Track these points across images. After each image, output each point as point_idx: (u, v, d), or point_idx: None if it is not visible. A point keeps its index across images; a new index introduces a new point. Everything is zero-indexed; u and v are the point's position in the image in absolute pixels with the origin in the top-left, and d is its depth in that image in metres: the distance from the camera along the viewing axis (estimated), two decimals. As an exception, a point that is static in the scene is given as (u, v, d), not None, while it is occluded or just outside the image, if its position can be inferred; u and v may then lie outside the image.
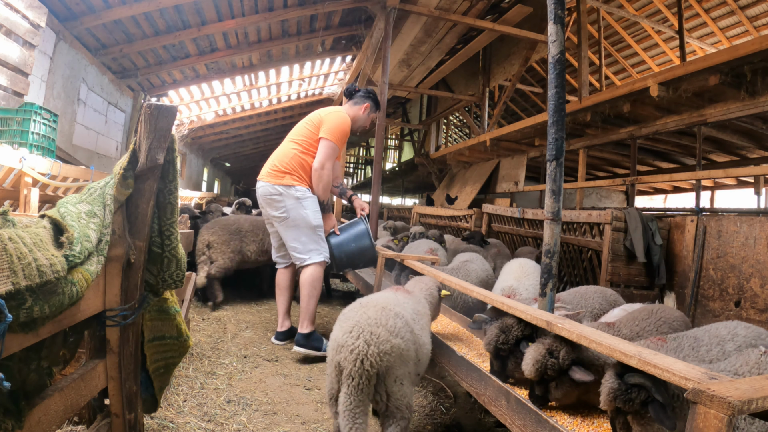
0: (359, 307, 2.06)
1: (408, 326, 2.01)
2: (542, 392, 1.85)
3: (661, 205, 11.40)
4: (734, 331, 1.70)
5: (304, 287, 3.39)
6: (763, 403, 1.04)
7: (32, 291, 1.03)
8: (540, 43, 7.24)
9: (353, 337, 1.86)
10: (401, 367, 1.92)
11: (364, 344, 1.83)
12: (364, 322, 1.90)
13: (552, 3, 2.29)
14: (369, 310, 1.98)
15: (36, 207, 3.37)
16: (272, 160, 3.44)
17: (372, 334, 1.86)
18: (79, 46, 5.62)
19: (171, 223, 1.69)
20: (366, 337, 1.85)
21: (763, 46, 3.67)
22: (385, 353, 1.84)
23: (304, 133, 3.41)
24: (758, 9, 8.22)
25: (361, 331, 1.87)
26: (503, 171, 8.59)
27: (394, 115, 15.17)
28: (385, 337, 1.87)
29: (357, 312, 2.00)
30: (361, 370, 1.80)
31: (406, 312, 2.11)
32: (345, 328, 1.91)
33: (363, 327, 1.88)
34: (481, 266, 3.70)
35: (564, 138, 2.27)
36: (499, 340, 2.09)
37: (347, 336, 1.87)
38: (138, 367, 1.70)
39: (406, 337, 1.96)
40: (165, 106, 1.53)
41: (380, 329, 1.89)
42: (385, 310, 2.00)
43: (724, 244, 3.78)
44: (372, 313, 1.96)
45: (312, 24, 7.70)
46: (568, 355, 1.78)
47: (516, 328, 2.11)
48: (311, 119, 3.48)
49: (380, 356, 1.83)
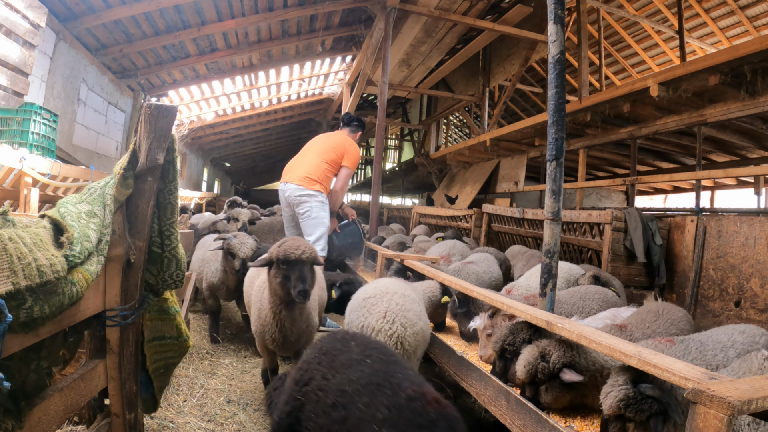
0: (382, 293, 2.26)
1: (423, 311, 2.32)
2: (532, 394, 1.85)
3: (661, 205, 11.40)
4: (732, 338, 1.83)
5: None
6: (763, 403, 1.04)
7: (32, 291, 1.03)
8: (540, 43, 7.24)
9: (389, 322, 2.08)
10: (423, 345, 2.21)
11: (401, 328, 2.07)
12: (395, 308, 2.14)
13: (552, 3, 2.29)
14: (394, 297, 2.22)
15: (36, 207, 3.37)
16: (305, 170, 4.17)
17: (405, 318, 2.11)
18: (79, 46, 5.62)
19: (171, 223, 1.69)
20: (401, 321, 2.09)
21: (763, 46, 3.67)
22: (416, 334, 2.12)
23: (332, 157, 4.23)
24: (758, 9, 8.22)
25: (395, 316, 2.10)
26: (503, 171, 8.59)
27: (394, 115, 15.16)
28: (414, 321, 2.14)
29: (382, 299, 2.21)
30: (401, 350, 2.03)
31: (417, 298, 2.41)
32: (377, 315, 2.12)
33: (396, 312, 2.12)
34: (485, 268, 3.67)
35: (564, 138, 2.27)
36: (506, 341, 2.08)
37: (382, 322, 2.09)
38: (138, 367, 1.70)
39: (424, 320, 2.26)
40: (165, 106, 1.53)
41: (410, 314, 2.15)
42: (405, 296, 2.26)
43: (724, 244, 3.78)
44: (399, 299, 2.21)
45: (312, 24, 7.70)
46: (560, 359, 1.79)
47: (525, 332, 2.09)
48: (337, 147, 4.29)
49: (414, 337, 2.11)
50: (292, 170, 4.20)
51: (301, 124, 14.68)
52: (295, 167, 4.21)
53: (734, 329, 1.89)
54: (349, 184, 4.46)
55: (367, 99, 13.50)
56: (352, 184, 22.89)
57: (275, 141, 16.35)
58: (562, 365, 1.77)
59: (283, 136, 16.13)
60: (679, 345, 1.79)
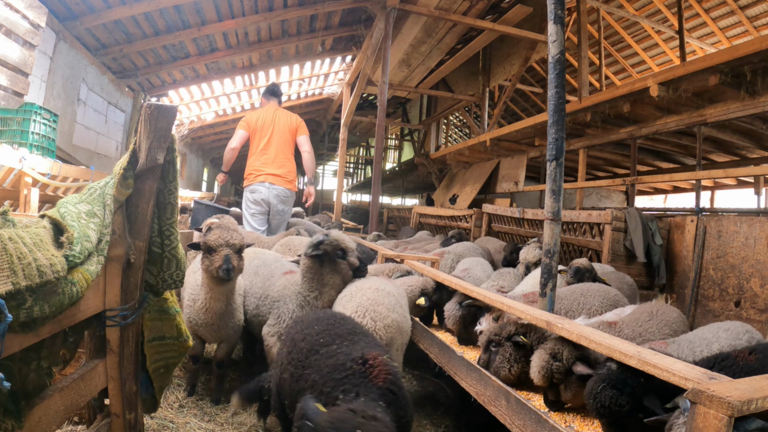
0: (356, 290, 2.30)
1: (399, 303, 2.32)
2: (555, 396, 1.85)
3: (661, 205, 11.39)
4: (717, 334, 1.92)
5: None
6: (763, 403, 1.04)
7: (32, 291, 1.03)
8: (540, 43, 7.24)
9: (359, 317, 2.10)
10: (399, 337, 2.24)
11: (370, 321, 2.09)
12: (366, 303, 2.16)
13: (552, 3, 2.29)
14: (366, 292, 2.24)
15: (36, 207, 3.37)
16: (287, 169, 4.53)
17: (375, 312, 2.13)
18: (79, 46, 5.61)
19: (171, 223, 1.69)
20: (371, 315, 2.11)
21: (763, 46, 3.67)
22: (388, 326, 2.14)
23: (292, 142, 4.64)
24: (758, 9, 8.21)
25: (366, 311, 2.12)
26: (503, 171, 8.58)
27: (394, 115, 15.16)
28: (385, 313, 2.15)
29: (356, 295, 2.24)
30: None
31: (395, 291, 2.43)
32: (349, 309, 2.14)
33: (367, 307, 2.14)
34: (482, 274, 3.66)
35: (564, 138, 2.27)
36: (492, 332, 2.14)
37: (354, 316, 2.10)
38: (138, 367, 1.70)
39: (399, 311, 2.28)
40: (165, 106, 1.53)
41: (381, 308, 2.17)
42: (378, 290, 2.28)
43: (724, 244, 3.77)
44: (370, 294, 2.23)
45: (312, 24, 7.70)
46: (572, 353, 1.79)
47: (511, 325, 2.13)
48: (291, 129, 4.64)
49: (385, 330, 2.12)
50: (274, 171, 4.52)
51: (301, 124, 14.68)
52: (275, 165, 4.51)
53: (719, 327, 1.97)
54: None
55: (367, 99, 13.50)
56: (352, 184, 22.90)
57: (275, 141, 16.35)
58: (575, 359, 1.77)
59: (283, 136, 16.13)
60: (672, 346, 1.85)
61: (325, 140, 14.47)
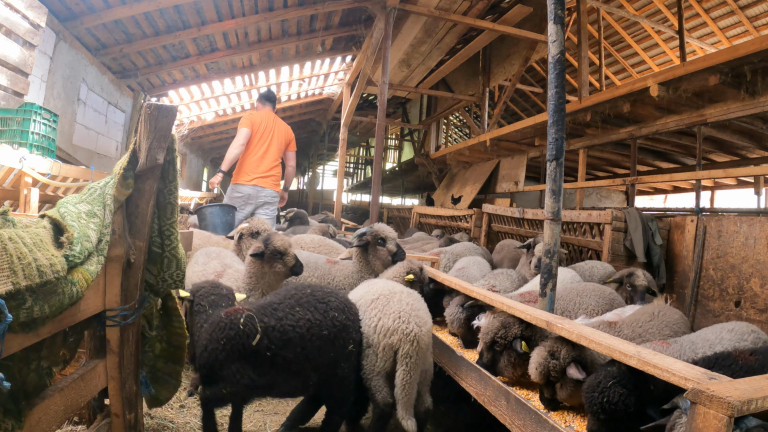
0: (389, 294, 2.33)
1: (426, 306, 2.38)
2: (550, 394, 1.85)
3: (661, 205, 11.39)
4: (720, 335, 1.90)
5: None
6: (763, 403, 1.04)
7: (32, 291, 1.03)
8: (540, 43, 7.24)
9: (404, 322, 2.16)
10: (430, 339, 2.32)
11: (416, 327, 2.15)
12: (407, 308, 2.23)
13: (552, 3, 2.29)
14: (404, 297, 2.30)
15: (36, 207, 3.37)
16: (275, 172, 4.76)
17: (419, 318, 2.20)
18: (79, 46, 5.61)
19: (171, 223, 1.69)
20: (415, 320, 2.17)
21: (763, 46, 3.66)
22: (429, 330, 2.24)
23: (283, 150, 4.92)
24: (758, 9, 8.21)
25: (409, 316, 2.18)
26: (503, 171, 8.59)
27: (394, 115, 15.16)
28: (426, 318, 2.25)
29: (392, 299, 2.28)
30: (417, 348, 2.12)
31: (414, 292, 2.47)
32: (392, 315, 2.20)
33: (409, 312, 2.20)
34: (477, 273, 3.65)
35: (564, 138, 2.27)
36: (498, 334, 2.13)
37: (398, 321, 2.16)
38: (138, 367, 1.69)
39: (430, 315, 2.36)
40: (165, 106, 1.53)
41: (421, 312, 2.26)
42: (412, 294, 2.36)
43: (724, 244, 3.77)
44: (407, 298, 2.30)
45: (312, 24, 7.70)
46: (569, 353, 1.79)
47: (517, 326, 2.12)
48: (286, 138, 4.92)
49: (428, 334, 2.22)
50: (265, 175, 4.74)
51: (301, 124, 14.67)
52: (265, 168, 4.73)
53: (723, 327, 1.95)
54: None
55: (367, 99, 13.50)
56: (352, 184, 22.90)
57: (275, 141, 16.34)
58: (572, 359, 1.77)
59: (283, 136, 16.12)
60: (674, 346, 1.84)
61: (325, 140, 14.46)
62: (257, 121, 4.77)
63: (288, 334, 1.97)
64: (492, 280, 3.24)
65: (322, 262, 3.19)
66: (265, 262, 2.70)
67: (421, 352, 2.16)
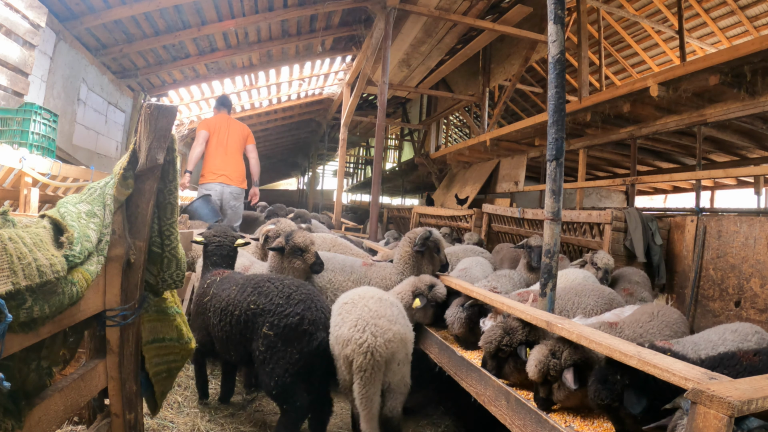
0: (358, 299, 2.18)
1: (402, 312, 2.21)
2: (546, 394, 1.83)
3: (661, 205, 11.39)
4: (723, 336, 1.88)
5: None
6: (763, 403, 1.04)
7: (32, 291, 1.03)
8: (540, 43, 7.23)
9: (359, 331, 1.98)
10: (402, 349, 2.10)
11: (371, 337, 1.96)
12: (366, 315, 2.03)
13: (552, 3, 2.29)
14: (368, 302, 2.12)
15: (36, 207, 3.37)
16: (239, 172, 5.31)
17: (377, 327, 2.00)
18: (79, 46, 5.61)
19: (171, 223, 1.69)
20: (372, 329, 1.98)
21: (763, 46, 3.66)
22: (389, 341, 2.00)
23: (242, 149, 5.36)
24: (758, 9, 8.21)
25: (366, 324, 1.99)
26: (503, 171, 8.58)
27: (394, 115, 15.16)
28: (387, 327, 2.02)
29: (357, 305, 2.12)
30: (372, 361, 1.94)
31: (395, 300, 2.31)
32: (349, 322, 2.02)
33: (367, 320, 2.01)
34: (480, 273, 3.64)
35: (564, 138, 2.27)
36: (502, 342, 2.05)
37: (353, 330, 1.98)
38: (138, 367, 1.69)
39: (402, 322, 2.14)
40: (165, 106, 1.53)
41: (382, 320, 2.03)
42: (381, 300, 2.16)
43: (724, 244, 3.77)
44: (372, 304, 2.10)
45: (312, 24, 7.70)
46: (571, 355, 1.78)
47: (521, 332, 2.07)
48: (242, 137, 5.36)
49: (386, 345, 1.98)
50: (228, 173, 5.27)
51: (301, 124, 14.68)
52: (229, 170, 5.28)
53: (726, 328, 1.94)
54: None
55: (367, 99, 13.50)
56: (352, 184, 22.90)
57: (275, 141, 16.34)
58: (573, 362, 1.76)
59: (283, 136, 16.13)
60: (676, 347, 1.83)
61: (325, 140, 14.46)
62: (212, 123, 5.33)
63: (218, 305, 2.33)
64: (494, 282, 3.22)
65: (358, 265, 3.18)
66: (284, 257, 2.79)
67: (377, 366, 1.96)
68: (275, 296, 2.21)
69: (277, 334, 2.12)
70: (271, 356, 2.12)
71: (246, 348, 2.26)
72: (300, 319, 2.15)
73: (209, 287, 2.48)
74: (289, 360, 2.11)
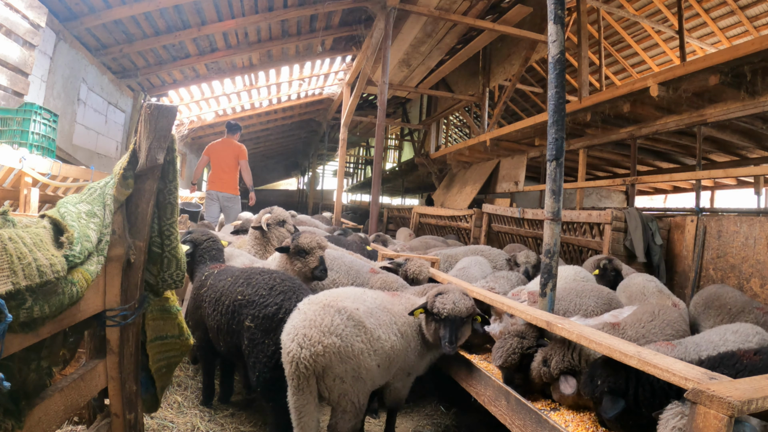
0: (305, 303, 1.99)
1: (353, 320, 1.89)
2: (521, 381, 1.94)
3: (661, 205, 11.39)
4: (724, 337, 1.90)
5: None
6: (763, 403, 1.04)
7: (32, 291, 1.03)
8: (540, 43, 7.23)
9: (290, 339, 1.83)
10: (340, 365, 1.83)
11: (296, 348, 1.80)
12: (299, 323, 1.86)
13: (552, 3, 2.29)
14: (310, 309, 1.92)
15: (36, 207, 3.37)
16: (232, 182, 6.46)
17: (305, 337, 1.80)
18: (79, 46, 5.61)
19: (171, 223, 1.69)
20: (300, 339, 1.81)
21: (763, 46, 3.66)
22: (317, 354, 1.78)
23: (235, 165, 6.49)
24: (758, 9, 8.21)
25: (296, 333, 1.83)
26: (503, 171, 8.58)
27: (394, 115, 15.16)
28: (317, 339, 1.79)
29: (300, 310, 1.95)
30: (298, 372, 1.80)
31: (360, 305, 1.99)
32: (287, 328, 1.90)
33: (298, 329, 1.84)
34: (478, 273, 3.64)
35: (564, 138, 2.27)
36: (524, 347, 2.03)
37: (285, 337, 1.87)
38: (138, 367, 1.69)
39: (345, 333, 1.84)
40: (165, 106, 1.53)
41: (313, 330, 1.81)
42: (326, 307, 1.91)
43: (724, 244, 3.77)
44: (310, 312, 1.89)
45: (312, 24, 7.70)
46: (558, 365, 1.84)
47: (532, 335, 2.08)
48: (234, 155, 6.46)
49: (312, 358, 1.78)
50: (222, 182, 6.42)
51: (301, 124, 14.67)
52: (223, 180, 6.43)
53: (727, 329, 1.94)
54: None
55: (367, 99, 13.50)
56: (352, 184, 22.91)
57: (275, 141, 16.34)
58: (560, 372, 1.79)
59: (283, 136, 16.12)
60: (678, 348, 1.84)
61: (325, 140, 14.46)
62: (213, 149, 6.50)
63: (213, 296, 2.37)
64: (492, 282, 3.23)
65: (365, 271, 3.20)
66: (289, 257, 2.77)
67: (303, 377, 1.80)
68: (260, 287, 2.20)
69: (258, 325, 2.10)
70: (252, 349, 2.11)
71: (234, 340, 2.26)
72: (277, 309, 2.11)
73: (206, 279, 2.54)
74: (266, 352, 2.06)
